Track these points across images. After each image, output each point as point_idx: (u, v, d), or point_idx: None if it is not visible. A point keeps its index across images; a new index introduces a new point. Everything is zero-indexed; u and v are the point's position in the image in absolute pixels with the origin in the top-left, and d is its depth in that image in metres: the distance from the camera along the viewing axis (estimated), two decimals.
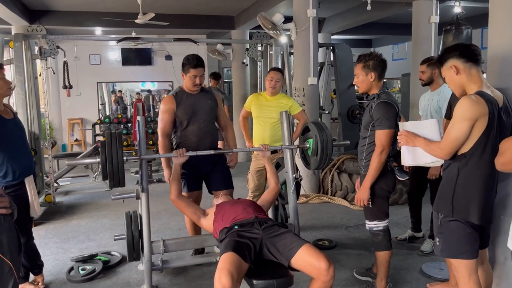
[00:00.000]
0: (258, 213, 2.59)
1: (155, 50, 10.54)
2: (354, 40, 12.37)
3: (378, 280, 2.89)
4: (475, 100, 1.97)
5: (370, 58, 2.71)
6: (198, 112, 3.25)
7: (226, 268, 2.06)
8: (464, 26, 4.47)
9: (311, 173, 5.47)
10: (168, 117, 3.23)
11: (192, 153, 2.95)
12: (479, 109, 1.95)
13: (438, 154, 2.13)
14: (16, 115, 2.98)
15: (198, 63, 3.19)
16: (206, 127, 3.28)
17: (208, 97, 3.35)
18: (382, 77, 2.75)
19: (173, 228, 4.45)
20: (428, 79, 3.48)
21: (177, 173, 2.87)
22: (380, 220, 2.80)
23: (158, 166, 7.69)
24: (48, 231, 4.42)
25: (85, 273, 3.29)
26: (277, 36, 5.68)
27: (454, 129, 2.01)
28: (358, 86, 2.83)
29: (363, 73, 2.73)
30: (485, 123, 1.97)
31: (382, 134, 2.63)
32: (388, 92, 2.77)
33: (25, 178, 2.87)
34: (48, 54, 5.02)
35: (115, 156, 2.58)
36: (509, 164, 1.66)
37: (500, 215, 2.31)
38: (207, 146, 3.22)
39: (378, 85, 2.74)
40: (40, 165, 5.04)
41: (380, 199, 2.78)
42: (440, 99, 3.39)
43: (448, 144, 2.04)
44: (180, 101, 3.24)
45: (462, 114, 1.98)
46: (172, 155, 2.87)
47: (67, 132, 10.33)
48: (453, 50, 2.11)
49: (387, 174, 2.75)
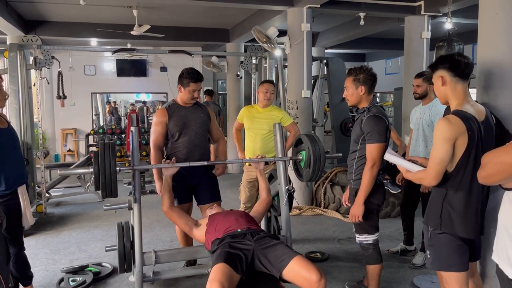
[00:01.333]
0: (250, 224, 2.60)
1: (150, 62, 10.58)
2: (347, 54, 12.51)
3: None
4: (450, 121, 2.02)
5: (360, 72, 2.74)
6: (190, 125, 3.28)
7: (217, 279, 2.06)
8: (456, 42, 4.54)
9: (304, 185, 5.48)
10: (160, 129, 3.25)
11: (184, 164, 2.96)
12: (455, 129, 2.00)
13: (426, 180, 2.13)
14: (10, 125, 2.98)
15: (199, 78, 3.24)
16: (196, 140, 3.30)
17: (200, 110, 3.38)
18: (372, 91, 2.78)
19: (165, 239, 4.43)
20: (423, 92, 3.52)
21: (168, 185, 2.87)
22: (369, 234, 2.81)
23: (151, 177, 7.65)
24: (39, 241, 4.37)
25: (75, 284, 3.26)
26: (271, 50, 5.74)
27: (436, 151, 2.04)
28: (348, 99, 2.84)
29: (353, 86, 2.75)
30: (466, 140, 2.02)
31: (373, 148, 2.65)
32: (377, 106, 2.79)
33: (18, 187, 2.85)
34: (43, 64, 5.03)
35: (108, 166, 2.58)
36: (490, 177, 1.67)
37: (490, 228, 2.33)
38: (197, 158, 3.25)
39: (368, 99, 2.76)
40: (32, 175, 5.00)
41: (370, 214, 2.78)
42: (432, 113, 3.43)
43: (434, 168, 2.05)
44: (173, 113, 3.27)
45: (440, 136, 2.02)
46: (164, 165, 2.88)
47: (60, 142, 10.28)
48: (445, 61, 2.14)
49: (377, 188, 2.76)
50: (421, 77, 3.52)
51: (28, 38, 5.00)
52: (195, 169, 3.25)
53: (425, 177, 2.11)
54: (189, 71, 3.26)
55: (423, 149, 3.51)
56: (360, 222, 2.77)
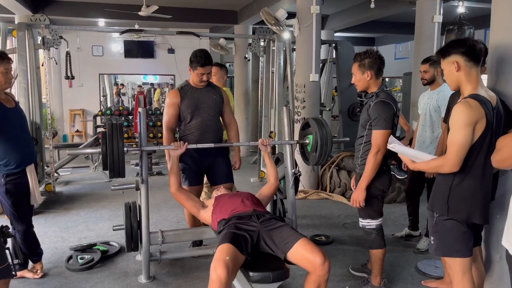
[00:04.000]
0: (256, 206, 2.62)
1: (157, 43, 10.54)
2: (357, 38, 12.36)
3: (372, 277, 2.91)
4: (470, 104, 1.97)
5: (365, 57, 2.68)
6: (202, 107, 3.24)
7: (222, 259, 2.08)
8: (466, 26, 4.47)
9: (310, 169, 5.49)
10: (173, 111, 3.22)
11: (192, 145, 2.97)
12: (476, 113, 1.96)
13: (446, 167, 2.04)
14: (18, 104, 3.00)
15: (206, 62, 3.13)
16: (209, 121, 3.27)
17: (213, 92, 3.33)
18: (379, 75, 2.72)
19: (172, 220, 4.48)
20: (431, 78, 3.47)
21: (175, 166, 2.88)
22: (373, 219, 2.80)
23: (158, 159, 7.72)
24: (48, 220, 4.45)
25: (83, 262, 3.32)
26: (280, 32, 5.68)
27: (456, 136, 1.98)
28: (356, 85, 2.80)
29: (359, 72, 2.71)
30: (484, 125, 1.98)
31: (378, 134, 2.61)
32: (386, 90, 2.74)
33: (27, 166, 2.89)
34: (51, 44, 5.03)
35: (116, 147, 2.60)
36: (505, 161, 1.68)
37: (496, 214, 2.33)
38: (209, 140, 3.22)
39: (376, 83, 2.72)
40: (40, 155, 5.06)
41: (375, 199, 2.77)
42: (440, 98, 3.39)
43: (455, 153, 1.98)
44: (185, 95, 3.22)
45: (461, 121, 1.97)
46: (170, 147, 2.89)
47: (68, 122, 10.35)
48: (459, 46, 2.07)
49: (382, 173, 2.74)
50: (428, 62, 3.47)
51: (36, 18, 4.99)
52: (206, 151, 3.24)
53: (445, 163, 2.03)
54: (197, 54, 3.16)
55: (429, 135, 3.50)
56: (364, 207, 2.77)
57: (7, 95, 2.87)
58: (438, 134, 3.43)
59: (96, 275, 3.18)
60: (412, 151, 2.27)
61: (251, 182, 6.14)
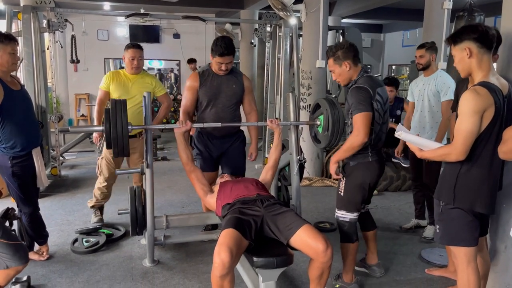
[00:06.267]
0: (260, 191, 2.62)
1: (163, 28, 10.45)
2: (364, 24, 12.21)
3: (344, 273, 2.80)
4: (478, 92, 1.94)
5: (337, 49, 2.60)
6: (219, 96, 3.16)
7: (225, 243, 2.09)
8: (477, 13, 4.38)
9: (315, 156, 5.48)
10: (190, 95, 3.16)
11: (198, 125, 2.95)
12: (484, 101, 1.93)
13: (453, 155, 2.00)
14: (24, 87, 3.00)
15: (225, 52, 3.00)
16: (223, 113, 3.20)
17: (234, 80, 3.21)
18: (357, 61, 2.62)
19: (176, 205, 4.50)
20: (426, 63, 3.48)
21: (181, 143, 2.85)
22: (348, 211, 2.69)
23: (163, 144, 7.73)
24: (54, 203, 4.48)
25: (88, 245, 3.35)
26: (286, 17, 5.61)
27: (464, 124, 1.94)
28: (339, 81, 2.70)
29: (336, 66, 2.62)
30: (492, 113, 1.95)
31: (357, 118, 2.50)
32: (365, 76, 2.61)
33: (33, 149, 2.90)
34: (56, 27, 5.00)
35: (119, 123, 2.52)
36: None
37: (503, 204, 2.32)
38: (223, 131, 3.19)
39: (356, 71, 2.62)
40: (46, 139, 5.08)
41: (354, 189, 2.65)
42: (438, 83, 3.41)
43: (462, 141, 1.95)
44: (205, 80, 3.14)
45: (469, 108, 1.93)
46: (175, 126, 2.84)
47: (73, 107, 10.36)
48: (472, 32, 2.01)
49: (367, 164, 2.62)
50: (423, 48, 3.47)
51: (42, 0, 4.95)
52: (218, 141, 3.24)
53: (451, 152, 2.00)
54: (218, 42, 3.00)
55: (429, 120, 3.51)
56: (341, 196, 2.70)
57: (12, 77, 2.87)
58: (438, 119, 3.46)
59: (101, 258, 3.21)
60: (419, 139, 2.24)
61: (256, 169, 6.14)
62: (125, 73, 3.67)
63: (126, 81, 3.63)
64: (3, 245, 2.15)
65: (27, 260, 2.27)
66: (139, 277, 2.94)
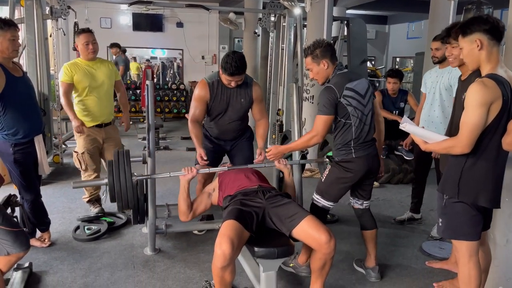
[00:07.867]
0: (262, 182, 2.61)
1: (166, 17, 10.39)
2: (369, 15, 12.12)
3: (301, 255, 2.85)
4: (486, 84, 1.91)
5: (315, 48, 2.58)
6: (228, 111, 3.10)
7: (227, 234, 2.09)
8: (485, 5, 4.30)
9: (317, 148, 5.46)
10: (199, 105, 3.04)
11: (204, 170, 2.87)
12: (491, 93, 1.90)
13: (458, 148, 1.98)
14: (26, 74, 2.99)
15: (235, 72, 2.85)
16: (229, 126, 3.18)
17: (242, 94, 3.08)
18: (334, 60, 2.62)
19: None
20: (442, 56, 3.31)
21: (184, 191, 2.71)
22: (324, 199, 2.73)
23: (166, 134, 7.73)
24: (56, 190, 4.49)
25: (90, 232, 3.36)
26: (291, 7, 5.56)
27: (470, 117, 1.92)
28: (317, 80, 2.68)
29: (314, 64, 2.61)
30: (500, 105, 1.92)
31: (318, 119, 2.53)
32: (338, 73, 2.60)
33: (35, 136, 2.90)
34: (59, 15, 4.97)
35: (123, 176, 2.53)
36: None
37: (505, 198, 2.31)
38: (230, 136, 3.22)
39: (332, 70, 2.62)
40: (49, 126, 5.07)
41: (332, 183, 2.68)
42: (452, 77, 3.25)
43: (468, 134, 1.93)
44: (215, 93, 3.02)
45: (475, 101, 1.91)
46: (180, 173, 2.72)
47: None
48: (483, 23, 1.97)
49: (350, 161, 2.61)
50: (439, 40, 3.31)
51: None
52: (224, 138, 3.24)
53: (456, 144, 1.98)
54: (228, 60, 2.81)
55: (439, 114, 3.39)
56: (322, 182, 2.74)
57: (14, 64, 2.85)
58: (448, 115, 3.34)
59: (102, 246, 3.23)
60: (424, 131, 2.22)
61: None
62: (82, 61, 3.58)
63: (89, 69, 3.55)
64: (4, 232, 2.15)
65: (28, 246, 2.27)
66: (140, 265, 2.95)
